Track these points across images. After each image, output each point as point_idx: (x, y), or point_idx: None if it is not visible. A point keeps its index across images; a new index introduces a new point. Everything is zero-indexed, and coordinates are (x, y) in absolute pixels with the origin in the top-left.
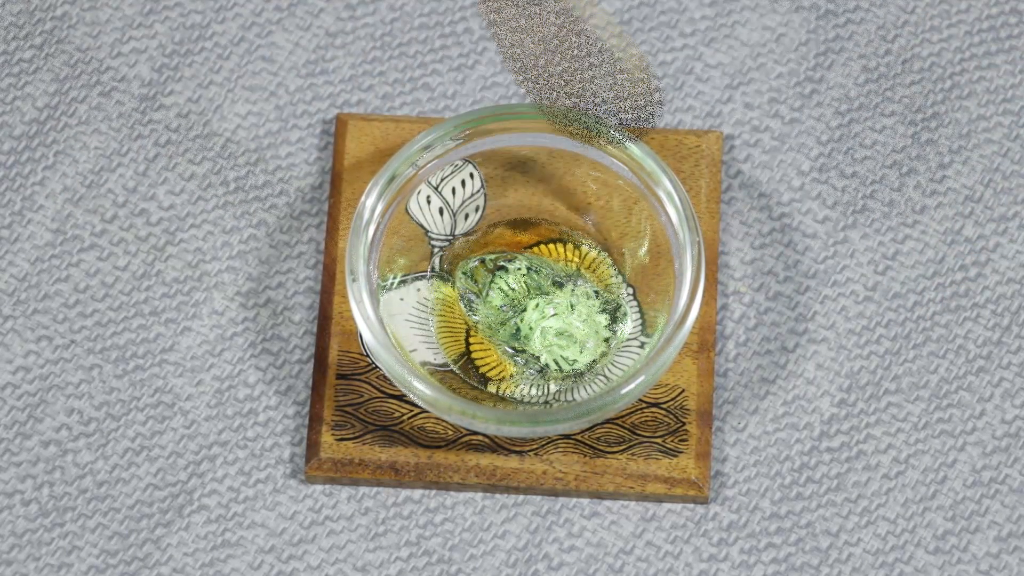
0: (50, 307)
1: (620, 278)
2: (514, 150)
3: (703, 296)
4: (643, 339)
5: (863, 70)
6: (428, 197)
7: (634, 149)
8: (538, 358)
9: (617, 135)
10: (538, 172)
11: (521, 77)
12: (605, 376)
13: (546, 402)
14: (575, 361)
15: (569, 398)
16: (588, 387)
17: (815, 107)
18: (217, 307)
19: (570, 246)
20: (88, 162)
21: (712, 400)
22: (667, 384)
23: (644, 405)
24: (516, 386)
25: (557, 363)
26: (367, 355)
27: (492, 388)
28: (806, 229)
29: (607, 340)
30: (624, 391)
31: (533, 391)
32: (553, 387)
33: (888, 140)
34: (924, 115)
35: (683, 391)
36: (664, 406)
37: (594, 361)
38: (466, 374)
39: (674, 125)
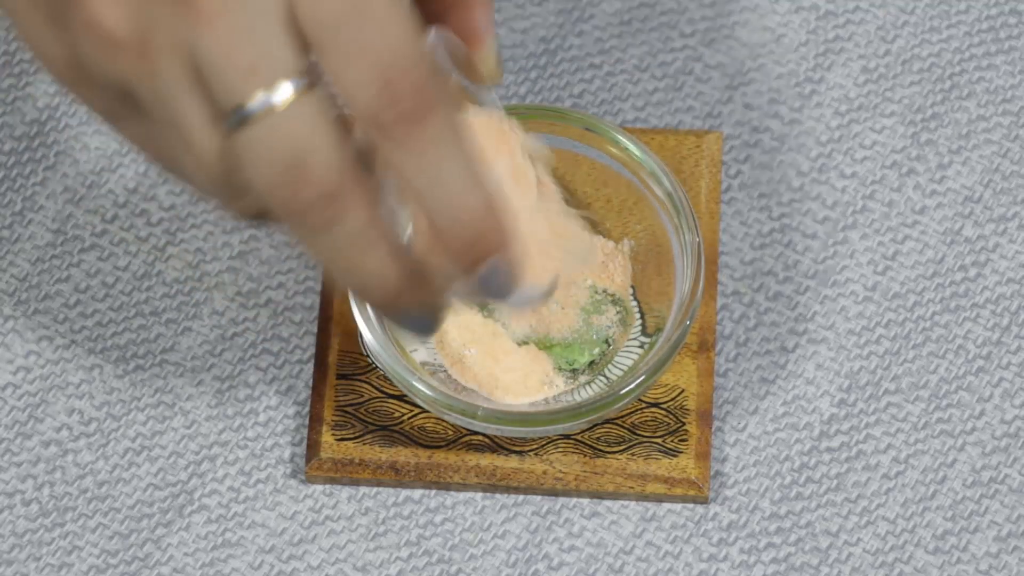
0: (51, 307)
1: (620, 278)
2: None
3: (703, 296)
4: (643, 339)
5: (863, 70)
6: None
7: (634, 149)
8: None
9: (615, 133)
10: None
11: None
12: (605, 376)
13: (546, 402)
14: (575, 361)
15: (569, 398)
16: (588, 387)
17: (815, 107)
18: (217, 307)
19: None
20: (89, 162)
21: (712, 400)
22: (667, 384)
23: (644, 405)
24: None
25: (557, 363)
26: (367, 355)
27: None
28: (806, 229)
29: (607, 340)
30: (624, 391)
31: None
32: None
33: (888, 140)
34: (924, 115)
35: (683, 391)
36: (664, 406)
37: (594, 361)
38: None
39: (674, 125)
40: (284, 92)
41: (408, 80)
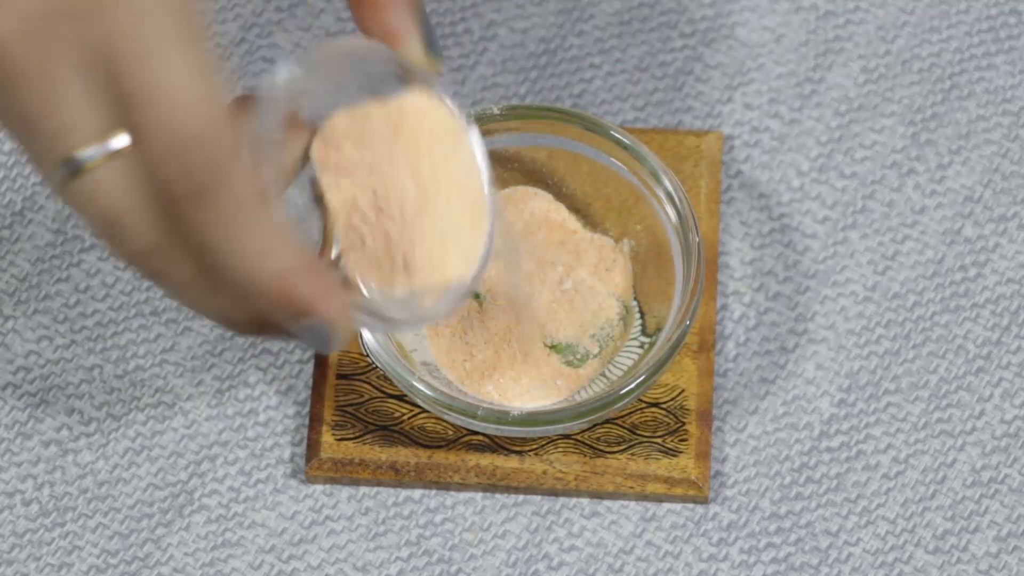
0: (51, 307)
1: (620, 278)
2: (514, 150)
3: (703, 296)
4: (643, 339)
5: (863, 70)
6: None
7: (634, 149)
8: None
9: (615, 133)
10: (538, 172)
11: None
12: (605, 376)
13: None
14: (575, 362)
15: (569, 398)
16: (588, 387)
17: (815, 107)
18: None
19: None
20: None
21: (712, 400)
22: (667, 384)
23: (644, 405)
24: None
25: (558, 364)
26: (367, 355)
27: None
28: (806, 229)
29: (607, 340)
30: (624, 391)
31: None
32: None
33: (888, 140)
34: (924, 115)
35: (683, 391)
36: (664, 406)
37: (594, 362)
38: None
39: (674, 125)
40: (96, 153)
41: (202, 154)
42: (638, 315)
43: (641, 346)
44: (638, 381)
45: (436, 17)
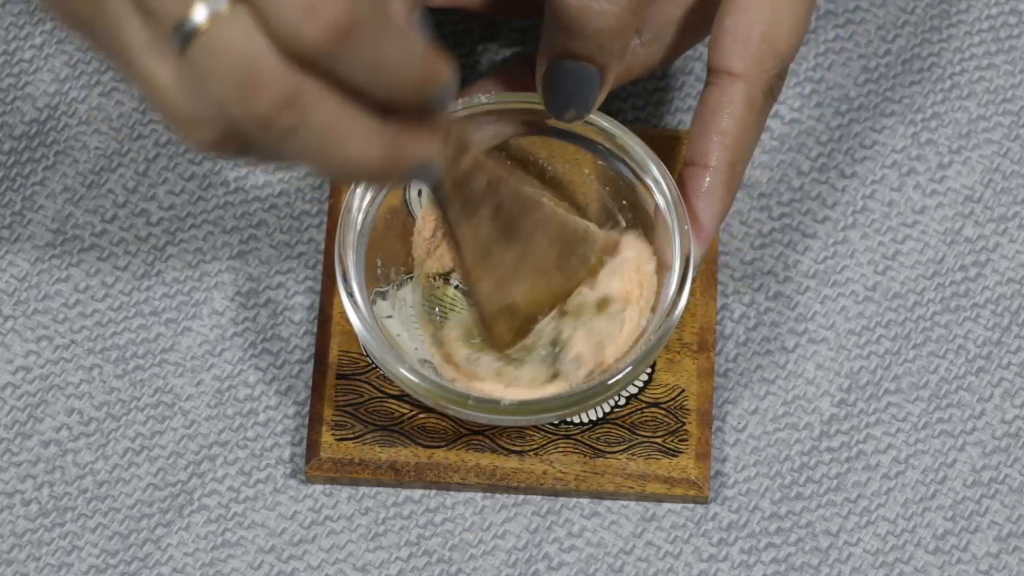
0: (50, 307)
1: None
2: (513, 148)
3: (703, 296)
4: None
5: (863, 70)
6: (420, 191)
7: (634, 149)
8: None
9: (615, 132)
10: (538, 170)
11: None
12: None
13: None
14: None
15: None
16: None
17: (815, 107)
18: (217, 307)
19: None
20: (89, 162)
21: (712, 400)
22: (667, 384)
23: (644, 405)
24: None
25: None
26: (367, 354)
27: None
28: (806, 229)
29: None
30: (612, 381)
31: None
32: None
33: (888, 140)
34: (924, 115)
35: (683, 391)
36: (664, 406)
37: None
38: None
39: (674, 125)
40: (209, 8)
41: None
42: None
43: None
44: (624, 372)
45: (436, 16)
